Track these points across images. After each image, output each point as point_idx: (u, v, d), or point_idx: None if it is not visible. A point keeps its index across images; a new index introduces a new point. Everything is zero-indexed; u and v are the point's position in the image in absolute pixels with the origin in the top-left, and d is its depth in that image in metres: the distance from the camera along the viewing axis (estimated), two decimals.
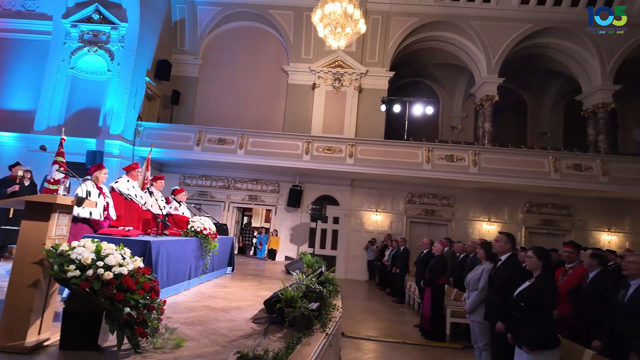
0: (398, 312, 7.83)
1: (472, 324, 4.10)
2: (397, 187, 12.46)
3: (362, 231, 12.54)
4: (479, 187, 11.89)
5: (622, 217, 11.92)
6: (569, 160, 10.92)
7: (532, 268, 3.20)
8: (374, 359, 4.75)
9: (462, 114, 15.42)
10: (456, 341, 5.79)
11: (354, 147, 11.29)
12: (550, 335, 2.96)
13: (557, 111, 15.43)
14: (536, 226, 12.10)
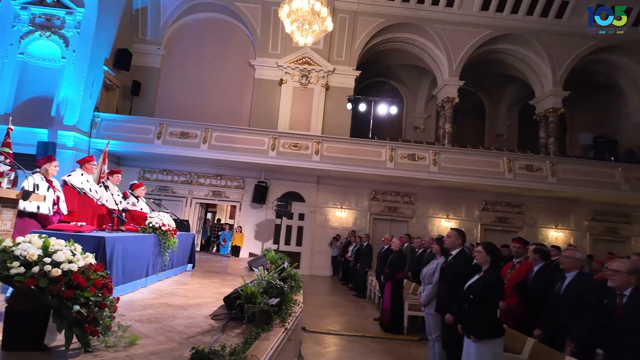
0: (359, 307, 8.02)
1: (426, 316, 4.29)
2: (361, 184, 12.69)
3: (327, 227, 12.68)
4: (438, 186, 12.34)
5: (568, 215, 12.81)
6: (522, 161, 11.57)
7: (481, 262, 3.39)
8: (334, 353, 4.85)
9: (425, 115, 15.90)
10: (413, 333, 6.03)
11: (321, 144, 11.37)
12: (495, 325, 3.16)
13: (512, 114, 16.28)
14: (491, 223, 12.75)
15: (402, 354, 5.03)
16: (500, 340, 3.15)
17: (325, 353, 4.79)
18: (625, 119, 14.22)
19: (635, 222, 12.70)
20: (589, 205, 12.61)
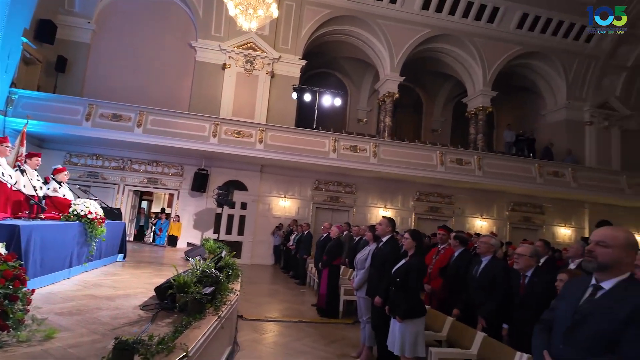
0: (298, 294, 8.18)
1: (358, 300, 4.53)
2: (305, 174, 12.81)
3: (270, 217, 12.67)
4: (377, 177, 12.86)
5: (492, 206, 14.03)
6: (453, 155, 12.43)
7: (407, 248, 3.65)
8: (271, 338, 4.94)
9: (367, 108, 16.37)
10: (348, 317, 6.31)
11: (265, 132, 11.26)
12: (418, 306, 3.44)
13: (447, 111, 17.33)
14: (424, 213, 13.58)
15: (336, 337, 5.25)
16: (422, 319, 3.43)
17: (261, 339, 4.86)
18: (542, 119, 15.81)
19: (547, 212, 14.26)
20: (509, 197, 13.92)
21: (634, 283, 1.58)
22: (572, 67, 14.48)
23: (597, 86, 14.73)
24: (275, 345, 4.70)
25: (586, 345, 1.54)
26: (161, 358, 2.01)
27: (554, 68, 14.63)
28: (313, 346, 4.76)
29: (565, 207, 14.23)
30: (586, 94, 14.67)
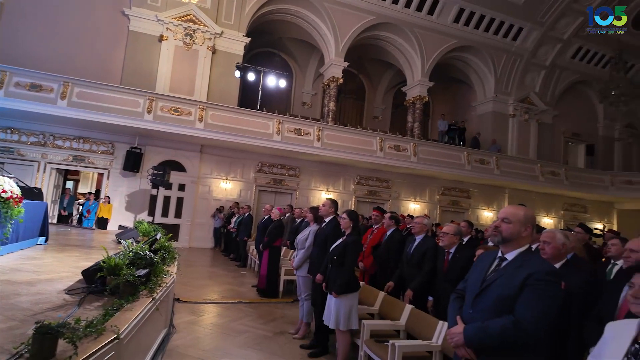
0: (239, 275, 8.17)
1: (297, 279, 4.66)
2: (248, 155, 12.60)
3: (210, 199, 12.35)
4: (321, 160, 13.05)
5: (424, 190, 14.94)
6: (391, 141, 12.98)
7: (345, 227, 3.81)
8: (208, 320, 4.91)
9: (312, 92, 16.40)
10: (288, 296, 6.46)
11: (205, 111, 10.82)
12: (352, 282, 3.63)
13: (388, 98, 17.95)
14: (363, 196, 14.10)
15: (275, 315, 5.37)
16: (356, 294, 3.63)
17: (199, 321, 4.81)
18: (472, 110, 17.00)
19: (472, 196, 15.52)
20: (440, 182, 14.93)
21: (531, 254, 1.83)
22: (500, 62, 15.65)
23: (521, 82, 16.13)
24: (213, 326, 4.69)
25: (490, 308, 1.74)
26: (90, 341, 1.93)
27: (485, 63, 15.71)
28: (252, 325, 4.82)
29: (488, 192, 15.60)
30: (511, 88, 16.01)
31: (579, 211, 16.85)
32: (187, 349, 3.86)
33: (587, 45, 15.96)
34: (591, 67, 16.73)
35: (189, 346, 3.93)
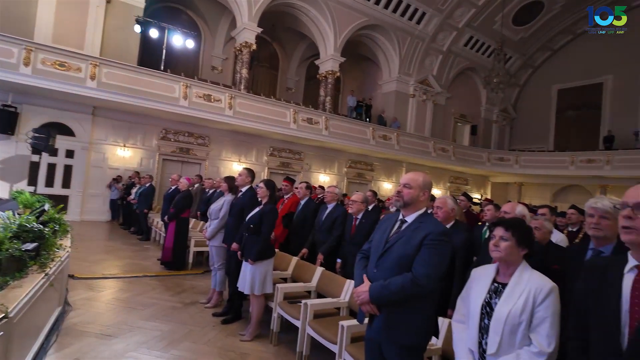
0: (141, 249, 7.69)
1: (210, 249, 4.59)
2: (150, 121, 11.59)
3: (105, 168, 11.16)
4: (232, 129, 12.64)
5: (334, 162, 15.59)
6: (305, 114, 13.13)
7: (261, 196, 3.85)
8: (109, 295, 4.60)
9: (223, 56, 15.55)
10: (197, 268, 6.34)
11: (99, 68, 9.54)
12: (268, 249, 3.73)
13: (301, 70, 17.94)
14: (276, 167, 14.16)
15: (184, 286, 5.25)
16: (271, 260, 3.75)
17: (98, 297, 4.48)
18: (378, 88, 17.98)
19: (375, 169, 16.70)
20: (348, 155, 15.71)
21: (428, 216, 2.08)
22: (404, 44, 16.67)
23: (421, 64, 17.47)
24: (115, 301, 4.41)
25: (392, 267, 1.94)
26: None
27: (392, 43, 16.59)
28: (159, 298, 4.66)
29: (389, 166, 16.93)
30: (412, 70, 17.26)
31: (462, 183, 19.35)
32: (86, 325, 3.60)
33: (477, 36, 17.85)
34: (479, 55, 18.82)
35: (88, 323, 3.67)
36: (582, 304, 1.29)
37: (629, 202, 1.15)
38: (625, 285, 1.17)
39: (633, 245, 1.17)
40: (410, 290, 1.84)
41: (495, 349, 1.60)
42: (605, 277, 1.22)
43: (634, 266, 1.18)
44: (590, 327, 1.23)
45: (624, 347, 1.12)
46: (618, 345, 1.14)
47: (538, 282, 1.63)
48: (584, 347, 1.27)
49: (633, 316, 1.12)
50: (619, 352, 1.13)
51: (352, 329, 2.74)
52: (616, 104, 17.59)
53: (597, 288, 1.23)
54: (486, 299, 1.72)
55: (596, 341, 1.21)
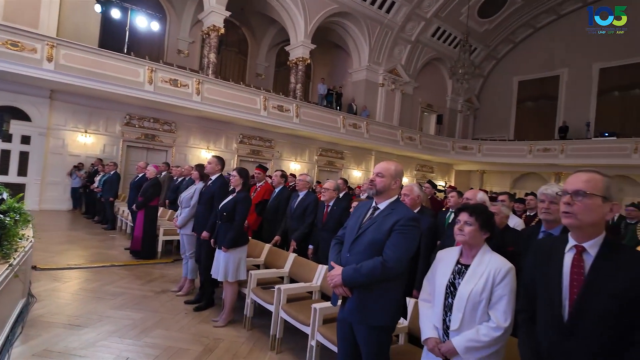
0: (108, 239, 7.48)
1: (181, 237, 4.56)
2: (113, 106, 11.11)
3: (66, 154, 10.64)
4: (200, 116, 12.35)
5: (305, 151, 15.63)
6: (275, 101, 13.02)
7: (235, 184, 3.86)
8: (76, 285, 4.49)
9: (190, 39, 15.05)
10: (167, 257, 6.27)
11: (56, 49, 8.99)
12: (242, 236, 3.76)
13: (271, 56, 17.68)
14: (246, 155, 14.02)
15: (154, 275, 5.19)
16: (244, 247, 3.79)
17: (64, 288, 4.36)
18: (349, 77, 18.06)
19: (345, 157, 16.90)
20: (319, 143, 15.79)
21: (398, 203, 2.20)
22: (374, 33, 16.78)
23: (390, 54, 17.68)
24: (82, 291, 4.32)
25: (364, 251, 2.05)
26: None
27: (362, 32, 16.64)
28: (129, 287, 4.60)
29: (358, 154, 17.18)
30: (382, 59, 17.44)
31: (428, 171, 19.98)
32: (52, 316, 3.52)
33: (444, 27, 18.24)
34: (445, 46, 19.27)
35: (55, 314, 3.59)
36: (530, 281, 1.45)
37: (568, 189, 1.31)
38: (566, 263, 1.33)
39: (572, 228, 1.33)
40: (381, 273, 1.96)
41: (457, 325, 1.74)
42: (550, 255, 1.38)
43: (572, 246, 1.35)
44: (537, 300, 1.39)
45: (565, 318, 1.29)
46: (560, 316, 1.30)
47: (497, 264, 1.78)
48: (531, 318, 1.43)
49: (572, 290, 1.29)
50: (560, 322, 1.29)
51: (324, 311, 2.85)
52: (570, 96, 18.63)
53: (543, 266, 1.39)
54: (450, 280, 1.85)
55: (541, 313, 1.37)
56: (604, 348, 1.22)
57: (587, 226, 1.30)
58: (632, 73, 16.76)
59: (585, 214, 1.28)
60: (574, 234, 1.34)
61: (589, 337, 1.23)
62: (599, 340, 1.22)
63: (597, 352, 1.22)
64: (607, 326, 1.22)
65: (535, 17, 19.11)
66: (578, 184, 1.31)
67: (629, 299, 1.19)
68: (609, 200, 1.29)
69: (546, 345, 1.32)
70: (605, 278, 1.24)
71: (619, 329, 1.21)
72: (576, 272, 1.29)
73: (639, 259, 1.23)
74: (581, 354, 1.24)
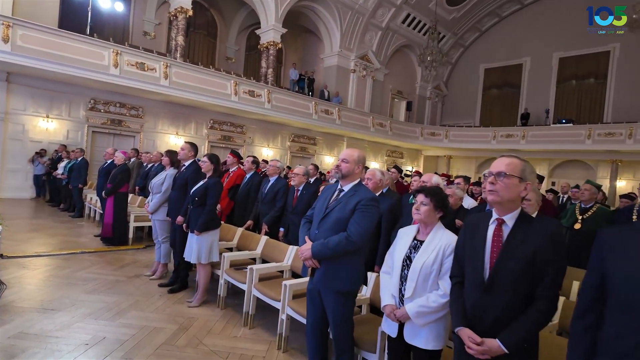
0: (75, 226, 7.37)
1: (153, 223, 4.63)
2: (76, 90, 10.70)
3: (26, 140, 10.22)
4: (168, 101, 12.10)
5: (277, 136, 15.66)
6: (246, 86, 12.92)
7: (206, 170, 3.97)
8: (46, 272, 4.49)
9: (156, 21, 14.56)
10: (139, 243, 6.29)
11: (12, 29, 8.51)
12: (214, 220, 3.89)
13: (241, 39, 17.38)
14: (217, 140, 13.90)
15: (126, 261, 5.23)
16: (217, 231, 3.93)
17: (34, 275, 4.35)
18: (320, 62, 18.08)
19: (318, 143, 17.06)
20: (291, 129, 15.84)
21: (361, 186, 2.44)
22: (346, 18, 16.80)
23: (361, 40, 17.79)
24: (53, 277, 4.33)
25: (331, 228, 2.31)
26: None
27: (333, 17, 16.63)
28: (101, 272, 4.65)
29: (330, 140, 17.38)
30: (353, 45, 17.53)
31: (398, 157, 20.49)
32: (24, 302, 3.55)
33: (414, 14, 18.48)
34: (415, 33, 19.56)
35: (27, 299, 3.62)
36: (461, 250, 1.71)
37: (492, 171, 1.55)
38: (489, 233, 1.58)
39: (495, 204, 1.58)
40: (345, 246, 2.23)
41: (411, 293, 1.97)
42: (478, 228, 1.63)
43: (494, 219, 1.60)
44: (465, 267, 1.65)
45: (485, 279, 1.54)
46: (482, 278, 1.55)
47: (448, 239, 2.02)
48: (461, 283, 1.69)
49: (492, 256, 1.54)
50: (482, 283, 1.55)
51: (294, 287, 3.07)
52: (532, 84, 19.50)
53: (472, 237, 1.64)
54: (407, 254, 2.08)
55: (468, 277, 1.63)
56: (514, 302, 1.49)
57: (506, 202, 1.55)
58: (588, 63, 17.75)
59: (505, 192, 1.53)
60: (496, 209, 1.60)
61: (502, 293, 1.50)
62: (510, 296, 1.49)
63: (508, 306, 1.49)
64: (517, 284, 1.48)
65: (500, 6, 19.70)
66: (500, 166, 1.55)
67: (534, 261, 1.46)
68: (524, 180, 1.54)
69: (470, 302, 1.58)
70: (517, 244, 1.50)
71: (526, 287, 1.48)
72: (496, 240, 1.55)
73: (545, 229, 1.49)
74: (496, 307, 1.50)
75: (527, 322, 1.45)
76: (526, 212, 1.57)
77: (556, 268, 1.46)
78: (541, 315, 1.46)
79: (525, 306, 1.48)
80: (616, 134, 14.64)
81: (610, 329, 1.19)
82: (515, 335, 1.45)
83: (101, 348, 2.83)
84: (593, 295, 1.25)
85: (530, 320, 1.45)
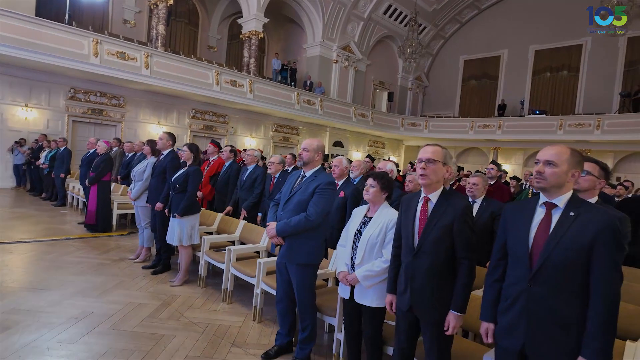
0: (58, 215, 7.50)
1: (136, 209, 4.86)
2: (55, 79, 10.64)
3: (5, 130, 10.16)
4: (150, 90, 12.12)
5: (260, 126, 15.82)
6: (228, 76, 13.00)
7: (186, 158, 4.21)
8: (31, 257, 4.68)
9: (136, 9, 14.39)
10: (122, 229, 6.49)
11: None
12: (194, 205, 4.15)
13: (223, 29, 17.32)
14: (199, 130, 13.99)
15: (110, 246, 5.45)
16: (197, 215, 4.19)
17: (20, 259, 4.55)
18: (303, 52, 18.19)
19: (300, 133, 17.28)
20: (274, 119, 16.02)
21: (321, 172, 2.76)
22: (328, 9, 16.91)
23: (344, 30, 17.95)
24: (40, 261, 4.53)
25: (294, 209, 2.64)
26: None
27: (315, 7, 16.72)
28: (86, 256, 4.86)
29: (313, 130, 17.62)
30: (335, 35, 17.69)
31: (379, 147, 20.90)
32: (13, 283, 3.77)
33: (395, 5, 18.70)
34: (397, 24, 19.80)
35: (16, 280, 3.83)
36: (399, 223, 2.05)
37: (422, 158, 1.88)
38: (418, 209, 1.93)
39: (424, 186, 1.92)
40: (305, 225, 2.57)
41: (359, 260, 2.32)
42: (410, 205, 1.97)
43: (422, 197, 1.94)
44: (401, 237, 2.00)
45: (415, 246, 1.89)
46: (412, 245, 1.91)
47: (391, 215, 2.36)
48: (399, 247, 2.03)
49: (420, 226, 1.89)
50: (412, 249, 1.90)
51: (267, 264, 3.38)
52: (509, 76, 20.07)
53: (405, 212, 1.98)
54: (358, 228, 2.42)
55: (403, 244, 1.98)
56: (437, 264, 1.85)
57: (434, 183, 1.88)
58: (562, 56, 18.37)
59: (433, 175, 1.86)
60: (424, 189, 1.94)
61: (427, 256, 1.86)
62: (434, 258, 1.85)
63: (432, 267, 1.86)
64: (439, 248, 1.84)
65: None
66: (428, 154, 1.88)
67: (452, 229, 1.81)
68: (446, 164, 1.88)
69: (404, 264, 1.93)
70: (439, 216, 1.85)
71: (445, 251, 1.84)
72: (423, 214, 1.89)
73: (460, 202, 1.84)
74: (422, 269, 1.87)
75: (459, 286, 1.83)
76: (446, 190, 1.91)
77: (466, 235, 1.81)
78: (466, 276, 1.82)
79: (446, 268, 1.83)
80: (585, 125, 15.32)
81: (507, 279, 1.56)
82: (460, 300, 1.82)
83: (90, 321, 3.10)
84: (498, 256, 1.62)
85: (460, 284, 1.82)
